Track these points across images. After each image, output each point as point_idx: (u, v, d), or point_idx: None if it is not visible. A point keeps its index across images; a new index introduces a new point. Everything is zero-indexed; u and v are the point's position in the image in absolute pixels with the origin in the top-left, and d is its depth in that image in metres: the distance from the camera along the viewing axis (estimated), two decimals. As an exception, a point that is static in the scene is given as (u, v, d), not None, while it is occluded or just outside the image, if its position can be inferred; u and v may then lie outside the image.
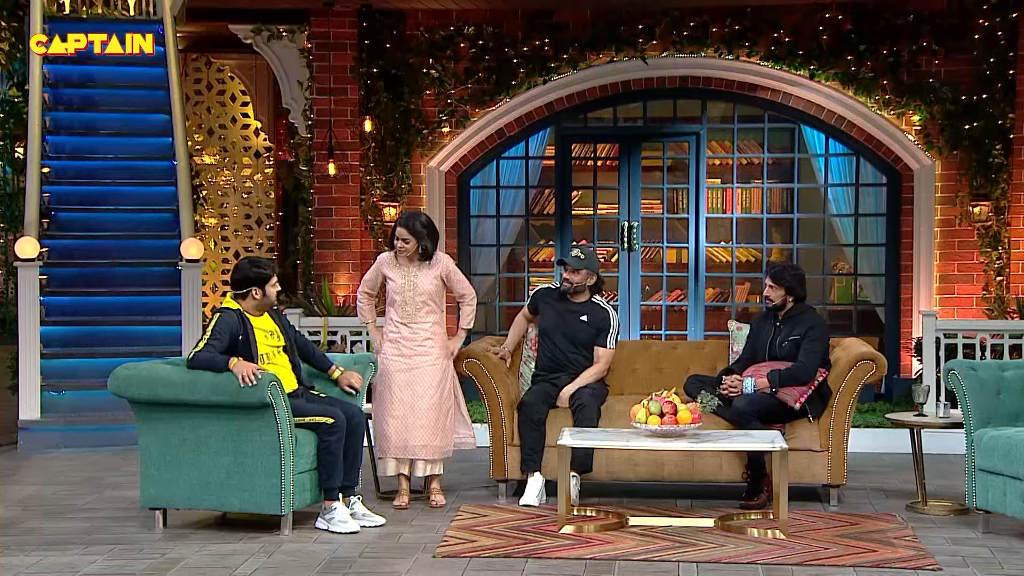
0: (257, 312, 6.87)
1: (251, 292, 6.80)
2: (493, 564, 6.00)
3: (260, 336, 6.82)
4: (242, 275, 6.84)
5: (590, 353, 7.73)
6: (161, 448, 6.67)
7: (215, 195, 12.27)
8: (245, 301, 6.82)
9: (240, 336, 6.70)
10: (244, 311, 6.81)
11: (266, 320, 6.91)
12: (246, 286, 6.80)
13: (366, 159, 11.00)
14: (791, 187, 11.31)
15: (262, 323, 6.88)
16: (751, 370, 7.52)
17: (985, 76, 10.40)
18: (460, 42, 10.97)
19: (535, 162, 11.52)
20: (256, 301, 6.82)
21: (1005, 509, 6.52)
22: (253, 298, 6.82)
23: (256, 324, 6.84)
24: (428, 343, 7.38)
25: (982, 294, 10.56)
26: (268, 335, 6.87)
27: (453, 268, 7.53)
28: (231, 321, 6.72)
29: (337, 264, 11.03)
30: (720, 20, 10.70)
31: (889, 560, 6.04)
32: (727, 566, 5.98)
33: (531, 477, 7.37)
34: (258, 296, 6.81)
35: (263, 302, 6.84)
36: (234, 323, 6.72)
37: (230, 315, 6.75)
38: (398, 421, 7.26)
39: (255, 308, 6.85)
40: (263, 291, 6.81)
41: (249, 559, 6.10)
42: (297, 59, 11.24)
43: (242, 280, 6.83)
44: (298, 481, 6.60)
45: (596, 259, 7.81)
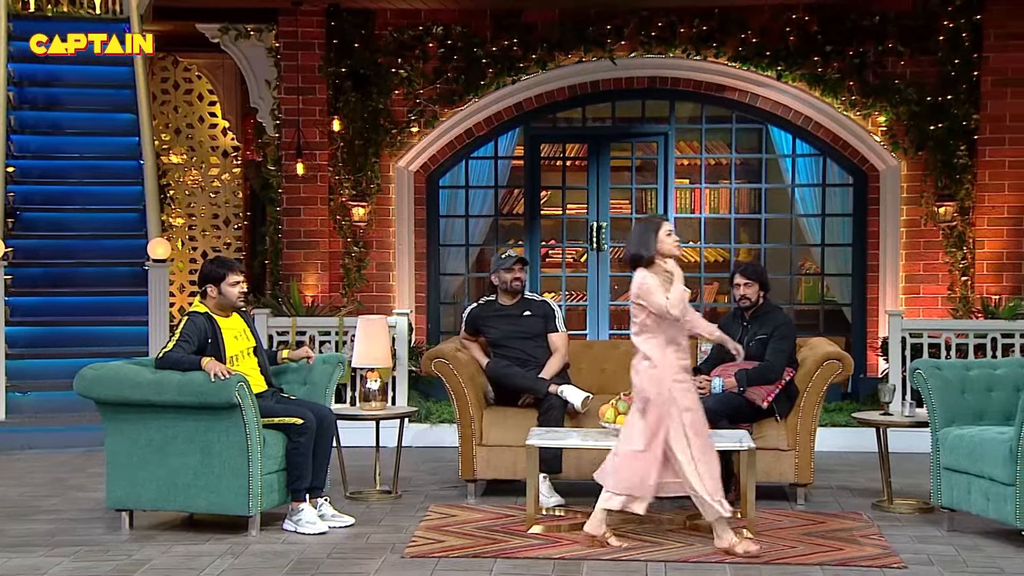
0: (222, 312, 6.85)
1: (208, 290, 6.80)
2: (461, 564, 6.01)
3: (228, 338, 6.81)
4: (200, 273, 6.90)
5: (546, 342, 7.84)
6: (127, 449, 6.65)
7: (182, 195, 12.22)
8: (207, 300, 6.82)
9: (209, 339, 6.68)
10: (211, 313, 6.79)
11: (235, 321, 6.90)
12: (203, 283, 6.82)
13: (334, 159, 10.95)
14: (759, 187, 11.35)
15: (231, 324, 6.86)
16: (719, 370, 7.56)
17: (950, 77, 10.45)
18: (429, 42, 10.93)
19: (504, 162, 11.52)
20: (215, 299, 6.81)
21: (969, 507, 6.58)
22: (211, 296, 6.81)
23: (225, 325, 6.82)
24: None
25: (947, 294, 10.61)
26: (236, 337, 6.86)
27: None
28: (199, 324, 6.71)
29: (305, 264, 10.97)
30: (688, 21, 10.72)
31: (855, 558, 6.09)
32: (695, 565, 6.01)
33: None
34: (214, 294, 6.80)
35: (222, 300, 6.82)
36: (202, 326, 6.70)
37: (198, 318, 6.74)
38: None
39: (217, 307, 6.84)
40: (219, 289, 6.78)
41: (216, 560, 6.09)
42: (265, 58, 11.18)
43: (200, 278, 6.88)
44: (266, 482, 6.59)
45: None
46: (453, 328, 10.96)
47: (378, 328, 7.95)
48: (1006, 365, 7.04)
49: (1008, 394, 6.81)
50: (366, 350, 7.85)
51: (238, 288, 6.85)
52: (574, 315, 11.46)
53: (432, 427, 9.76)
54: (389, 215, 11.13)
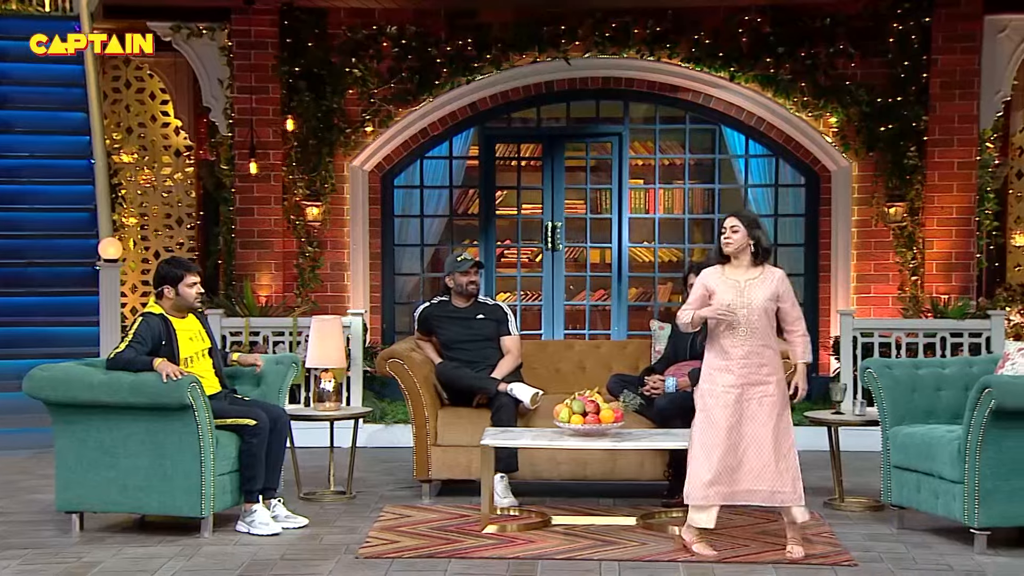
0: (178, 313, 6.82)
1: (164, 291, 6.76)
2: (416, 564, 6.02)
3: (183, 339, 6.77)
4: (156, 273, 6.85)
5: (498, 344, 7.87)
6: (78, 450, 6.60)
7: (134, 194, 12.11)
8: (163, 301, 6.78)
9: (163, 341, 6.64)
10: (166, 314, 6.74)
11: (190, 322, 6.87)
12: (159, 284, 6.78)
13: (288, 158, 10.92)
14: (712, 188, 11.43)
15: (186, 325, 6.83)
16: (673, 369, 7.61)
17: (899, 79, 10.56)
18: (383, 41, 10.92)
19: (459, 162, 11.53)
20: (171, 300, 6.78)
21: (919, 505, 6.66)
22: (167, 297, 6.77)
23: (180, 327, 6.78)
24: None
25: (897, 294, 10.70)
26: (192, 338, 6.82)
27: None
28: (153, 325, 6.67)
29: (259, 264, 10.94)
30: (642, 22, 10.77)
31: (807, 556, 6.12)
32: (649, 564, 6.04)
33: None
34: (171, 295, 6.76)
35: (178, 302, 6.79)
36: (156, 327, 6.67)
37: (152, 319, 6.70)
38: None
39: (173, 308, 6.80)
40: (176, 290, 6.75)
41: (168, 562, 6.07)
42: (217, 57, 11.11)
43: (156, 279, 6.83)
44: (219, 483, 6.58)
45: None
46: (408, 328, 10.92)
47: (332, 328, 7.94)
48: (955, 364, 7.13)
49: (956, 393, 6.89)
50: (320, 351, 7.84)
51: (195, 289, 6.81)
52: (529, 315, 11.51)
53: (387, 427, 9.77)
54: (343, 215, 11.11)
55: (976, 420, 6.17)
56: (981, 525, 6.22)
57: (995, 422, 6.13)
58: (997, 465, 6.17)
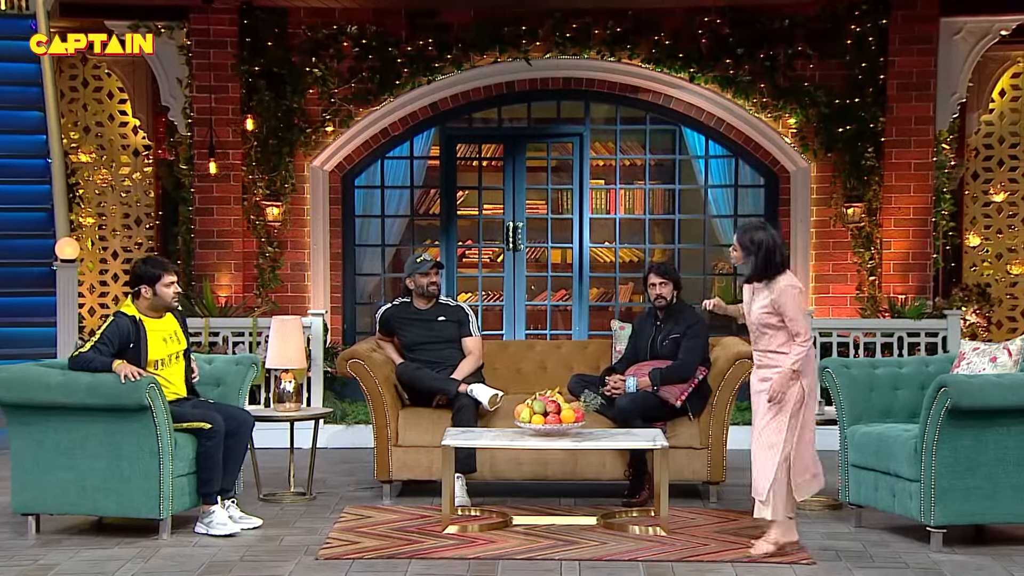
0: (154, 313, 6.77)
1: (141, 291, 6.72)
2: (376, 565, 6.03)
3: (156, 340, 6.71)
4: (133, 273, 6.80)
5: (459, 345, 7.89)
6: (34, 452, 6.57)
7: (92, 194, 12.03)
8: (139, 301, 6.73)
9: (131, 343, 6.60)
10: (141, 314, 6.70)
11: (167, 323, 6.81)
12: (136, 284, 6.74)
13: (248, 158, 10.91)
14: (672, 188, 11.50)
15: (161, 326, 6.77)
16: (633, 369, 7.64)
17: (857, 81, 10.67)
18: (343, 41, 10.94)
19: (420, 162, 11.55)
20: (148, 300, 6.74)
21: (876, 503, 6.72)
22: (144, 297, 6.73)
23: (154, 327, 6.73)
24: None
25: (855, 294, 10.82)
26: (166, 340, 6.77)
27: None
28: (123, 326, 6.63)
29: (219, 264, 10.92)
30: (602, 23, 10.83)
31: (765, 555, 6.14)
32: (609, 563, 6.07)
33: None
34: (148, 295, 6.72)
35: (156, 302, 6.74)
36: (126, 328, 6.62)
37: (123, 320, 6.66)
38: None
39: (149, 308, 6.75)
40: (153, 290, 6.71)
41: (126, 564, 6.05)
42: (176, 56, 11.07)
43: (133, 278, 6.78)
44: (177, 485, 6.56)
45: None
46: (369, 329, 10.94)
47: (292, 329, 7.93)
48: (911, 364, 7.19)
49: (913, 392, 6.95)
50: (280, 351, 7.83)
51: (173, 288, 6.76)
52: (490, 315, 11.53)
53: (347, 428, 9.76)
54: (304, 215, 11.11)
55: (932, 419, 6.22)
56: (937, 523, 6.28)
57: (951, 421, 6.19)
58: (953, 463, 6.24)
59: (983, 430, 6.24)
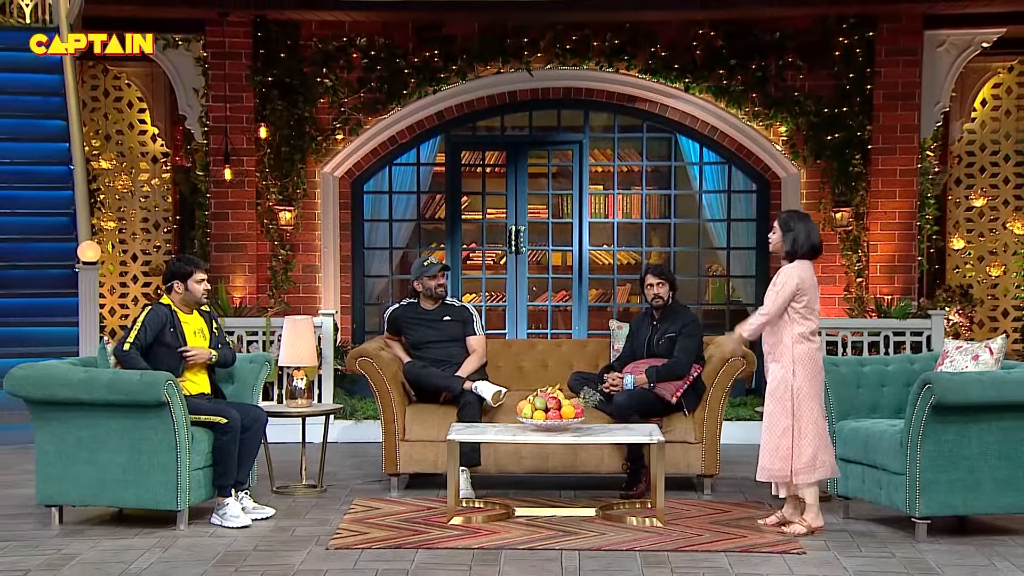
0: (185, 308, 7.13)
1: (174, 286, 7.08)
2: (384, 555, 6.06)
3: (188, 333, 7.08)
4: (167, 269, 7.17)
5: (464, 344, 8.00)
6: (57, 446, 6.67)
7: (112, 199, 12.15)
8: (172, 295, 7.10)
9: (171, 328, 6.97)
10: (174, 306, 7.08)
11: (196, 319, 7.16)
12: (169, 280, 7.10)
13: (261, 165, 11.02)
14: (668, 193, 11.60)
15: (191, 321, 7.13)
16: (630, 367, 7.77)
17: (845, 91, 10.77)
18: (353, 52, 11.06)
19: (426, 168, 11.66)
20: (180, 295, 7.10)
21: (864, 495, 6.82)
22: (176, 292, 7.09)
23: (185, 320, 7.10)
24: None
25: (844, 294, 10.90)
26: (195, 334, 7.12)
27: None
28: (161, 313, 7.01)
29: (233, 266, 11.06)
30: (601, 35, 10.94)
31: (757, 545, 6.29)
32: (607, 553, 6.14)
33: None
34: (180, 290, 7.09)
35: (187, 297, 7.10)
36: (163, 315, 7.00)
37: (160, 308, 7.04)
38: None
39: (181, 303, 7.12)
40: (185, 285, 7.07)
41: (145, 553, 6.11)
42: (193, 67, 11.22)
43: (167, 274, 7.15)
44: (193, 477, 6.68)
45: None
46: (377, 328, 10.97)
47: (304, 328, 8.04)
48: (897, 362, 7.27)
49: (899, 389, 7.05)
50: (292, 350, 7.96)
51: (203, 285, 7.11)
52: (493, 315, 11.61)
53: (356, 423, 9.91)
54: (315, 219, 11.24)
55: (917, 415, 6.29)
56: (922, 514, 6.36)
57: (935, 416, 6.26)
58: (937, 457, 6.31)
59: (966, 425, 6.31)
